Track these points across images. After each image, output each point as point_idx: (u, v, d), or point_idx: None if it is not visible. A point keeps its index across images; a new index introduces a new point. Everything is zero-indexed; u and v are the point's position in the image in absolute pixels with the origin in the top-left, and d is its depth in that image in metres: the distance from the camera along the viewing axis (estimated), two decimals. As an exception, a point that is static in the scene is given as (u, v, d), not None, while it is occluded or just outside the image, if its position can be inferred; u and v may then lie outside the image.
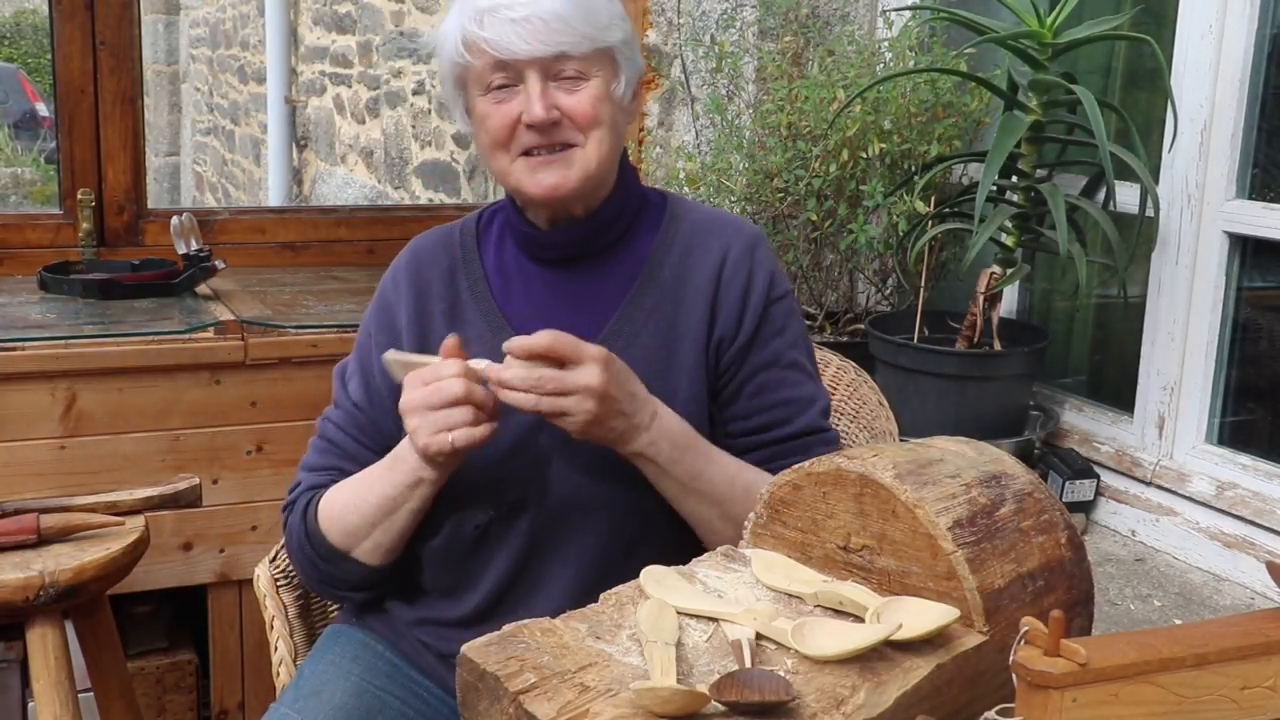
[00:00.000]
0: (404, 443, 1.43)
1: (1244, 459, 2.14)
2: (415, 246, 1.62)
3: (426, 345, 1.51)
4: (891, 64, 2.60)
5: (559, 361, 1.34)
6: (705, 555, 1.21)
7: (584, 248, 1.53)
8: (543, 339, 1.33)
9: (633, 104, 1.53)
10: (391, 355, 1.42)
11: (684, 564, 1.20)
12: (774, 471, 1.47)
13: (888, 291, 2.82)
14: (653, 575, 1.14)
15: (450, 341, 1.38)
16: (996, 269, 2.33)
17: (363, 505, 1.47)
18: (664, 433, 1.41)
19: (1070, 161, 2.36)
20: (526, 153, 1.45)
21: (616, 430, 1.38)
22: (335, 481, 1.54)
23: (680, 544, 1.44)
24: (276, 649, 1.68)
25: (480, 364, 1.36)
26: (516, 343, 1.34)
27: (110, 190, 2.66)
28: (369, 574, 1.52)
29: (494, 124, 1.44)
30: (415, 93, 5.19)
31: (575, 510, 1.47)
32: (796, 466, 1.19)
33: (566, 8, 1.41)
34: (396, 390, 1.44)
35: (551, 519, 1.47)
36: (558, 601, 1.45)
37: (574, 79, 1.44)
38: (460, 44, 1.43)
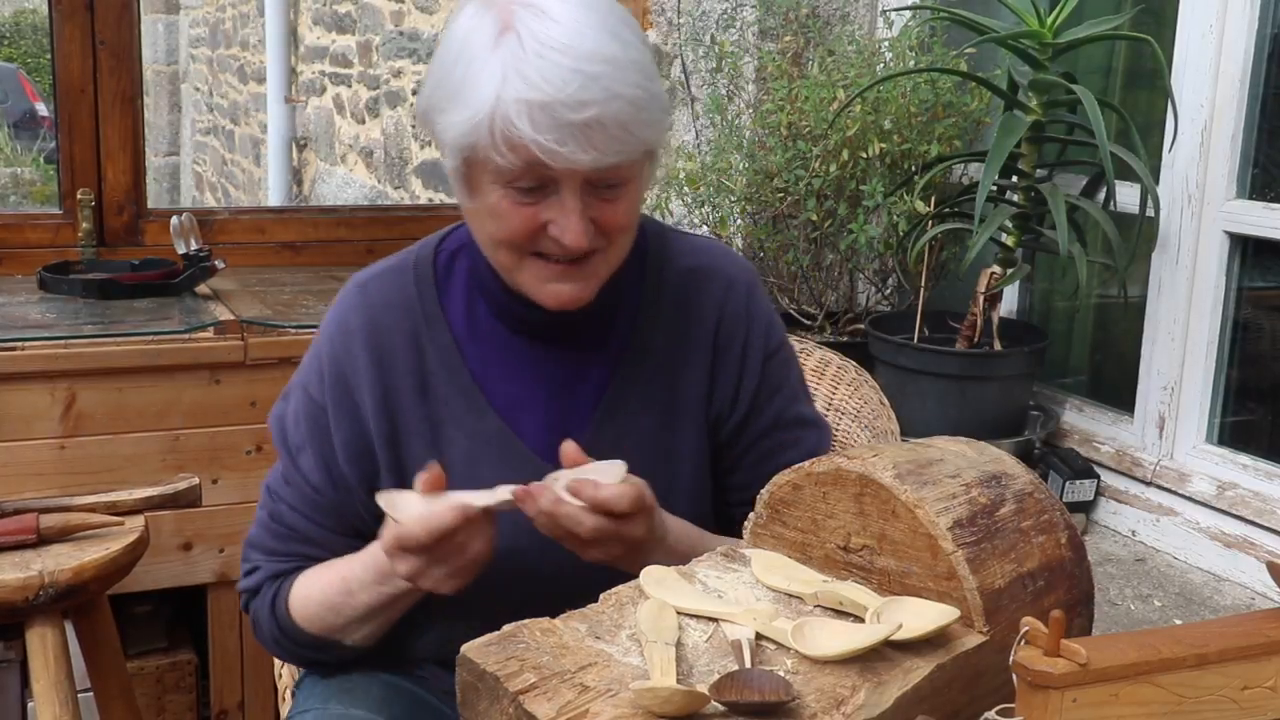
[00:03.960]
0: (387, 561, 1.23)
1: (1244, 459, 2.14)
2: (365, 302, 1.36)
3: (401, 433, 1.34)
4: (891, 64, 2.60)
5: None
6: (705, 555, 1.21)
7: (578, 324, 1.35)
8: (624, 503, 1.17)
9: None
10: (387, 499, 1.22)
11: None
12: None
13: (888, 291, 2.82)
14: (653, 575, 1.14)
15: (432, 475, 1.20)
16: (996, 269, 2.33)
17: (344, 610, 1.33)
18: (668, 551, 1.26)
19: (1070, 161, 2.36)
20: (542, 255, 1.24)
21: (627, 561, 1.22)
22: (298, 568, 1.38)
23: None
24: (276, 649, 1.67)
25: (506, 493, 1.20)
26: (591, 495, 1.17)
27: (110, 190, 2.66)
28: (359, 652, 1.39)
29: (512, 226, 1.22)
30: (415, 93, 5.18)
31: (540, 579, 1.29)
32: (796, 466, 1.19)
33: (631, 110, 1.17)
34: (384, 481, 1.31)
35: (516, 587, 1.28)
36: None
37: (614, 186, 1.22)
38: (494, 134, 1.16)
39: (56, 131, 2.68)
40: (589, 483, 1.18)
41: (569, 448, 1.22)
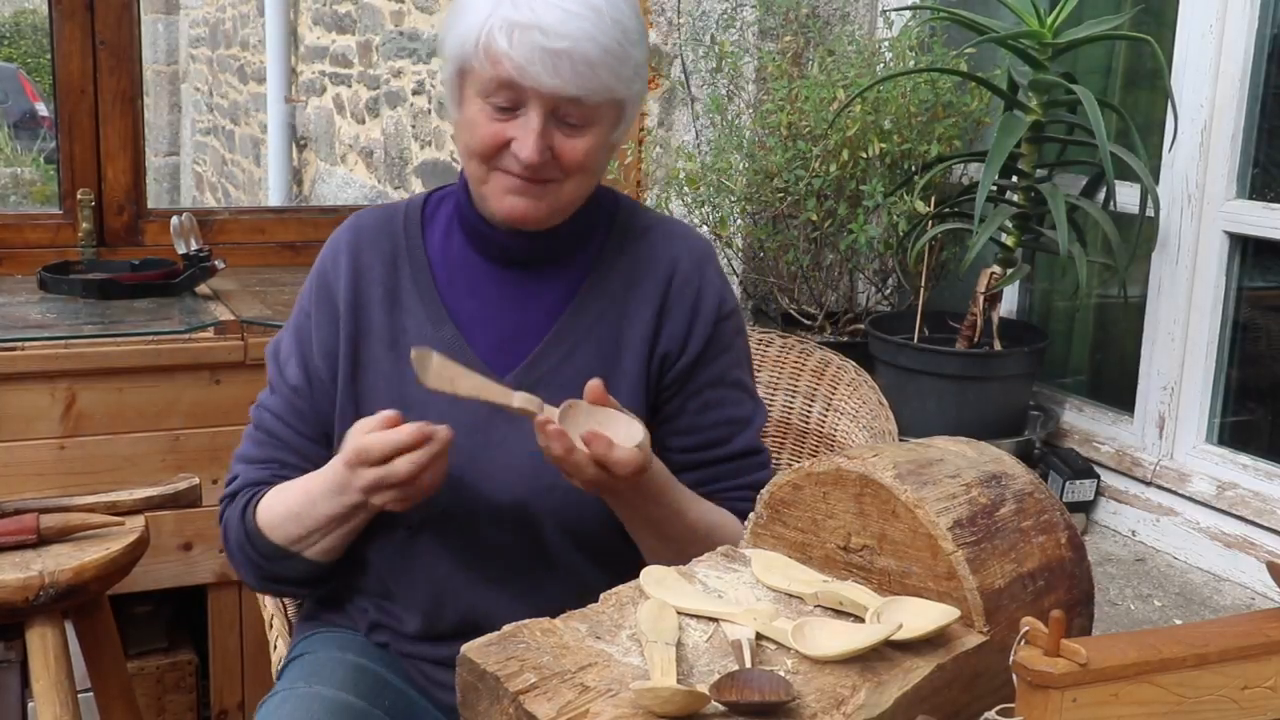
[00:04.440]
0: (346, 472, 1.37)
1: (1244, 459, 2.14)
2: (356, 225, 1.55)
3: (362, 332, 1.49)
4: (891, 64, 2.60)
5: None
6: (705, 555, 1.21)
7: (537, 254, 1.50)
8: (628, 470, 1.29)
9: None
10: (421, 355, 1.33)
11: (625, 571, 1.20)
12: (709, 496, 1.50)
13: (888, 291, 2.82)
14: (653, 575, 1.14)
15: (391, 415, 1.33)
16: (996, 269, 2.33)
17: (305, 519, 1.44)
18: (646, 503, 1.39)
19: (1070, 161, 2.36)
20: (504, 170, 1.40)
21: (604, 494, 1.37)
22: (274, 475, 1.51)
23: (622, 555, 1.44)
24: (276, 648, 1.68)
25: (532, 404, 1.31)
26: (602, 454, 1.28)
27: (110, 190, 2.66)
28: (315, 570, 1.50)
29: (482, 136, 1.38)
30: (415, 93, 5.19)
31: (509, 517, 1.45)
32: (796, 467, 1.19)
33: (602, 54, 1.33)
34: (340, 373, 1.44)
35: (487, 523, 1.46)
36: (496, 602, 1.45)
37: (576, 125, 1.38)
38: (479, 45, 1.34)
39: (56, 131, 2.68)
40: (604, 439, 1.28)
41: (595, 384, 1.32)
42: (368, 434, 1.33)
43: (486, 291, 1.50)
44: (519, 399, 1.31)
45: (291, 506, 1.46)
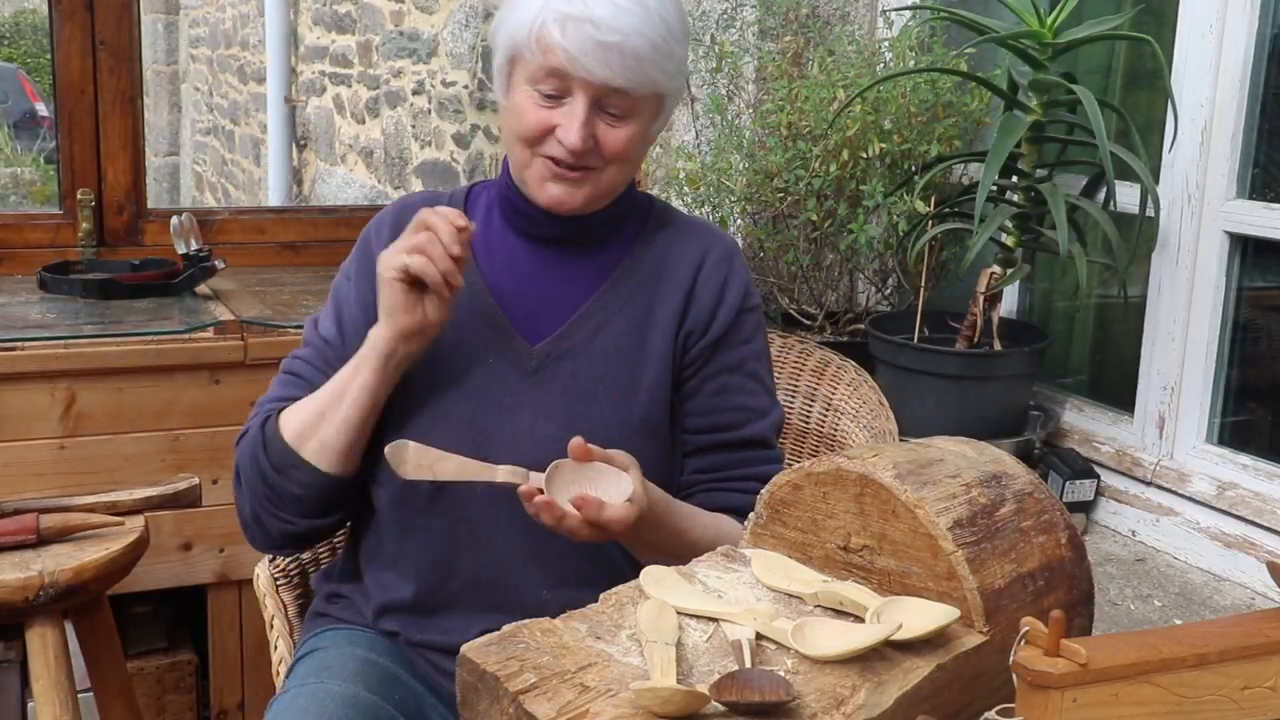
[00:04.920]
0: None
1: (1244, 459, 2.14)
2: (401, 203, 1.62)
3: None
4: (891, 64, 2.60)
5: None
6: (705, 555, 1.21)
7: (573, 235, 1.55)
8: (622, 526, 1.31)
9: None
10: (396, 448, 1.36)
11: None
12: (717, 485, 1.53)
13: (888, 291, 2.82)
14: (653, 575, 1.14)
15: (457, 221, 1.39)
16: (996, 269, 2.33)
17: (315, 399, 1.48)
18: (648, 542, 1.41)
19: (1070, 161, 2.36)
20: (548, 156, 1.45)
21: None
22: None
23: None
24: (276, 649, 1.68)
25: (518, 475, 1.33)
26: (594, 517, 1.30)
27: (110, 190, 2.66)
28: (313, 483, 1.48)
29: (528, 122, 1.44)
30: (415, 93, 5.19)
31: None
32: (797, 467, 1.19)
33: (650, 49, 1.40)
34: (368, 325, 1.47)
35: (475, 504, 1.47)
36: (499, 571, 1.47)
37: (619, 115, 1.44)
38: (532, 34, 1.40)
39: (56, 131, 2.67)
40: (594, 503, 1.29)
41: (577, 443, 1.33)
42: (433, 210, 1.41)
43: (523, 267, 1.55)
44: (503, 473, 1.32)
45: (318, 403, 1.48)
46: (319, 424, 1.47)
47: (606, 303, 1.53)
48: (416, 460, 1.34)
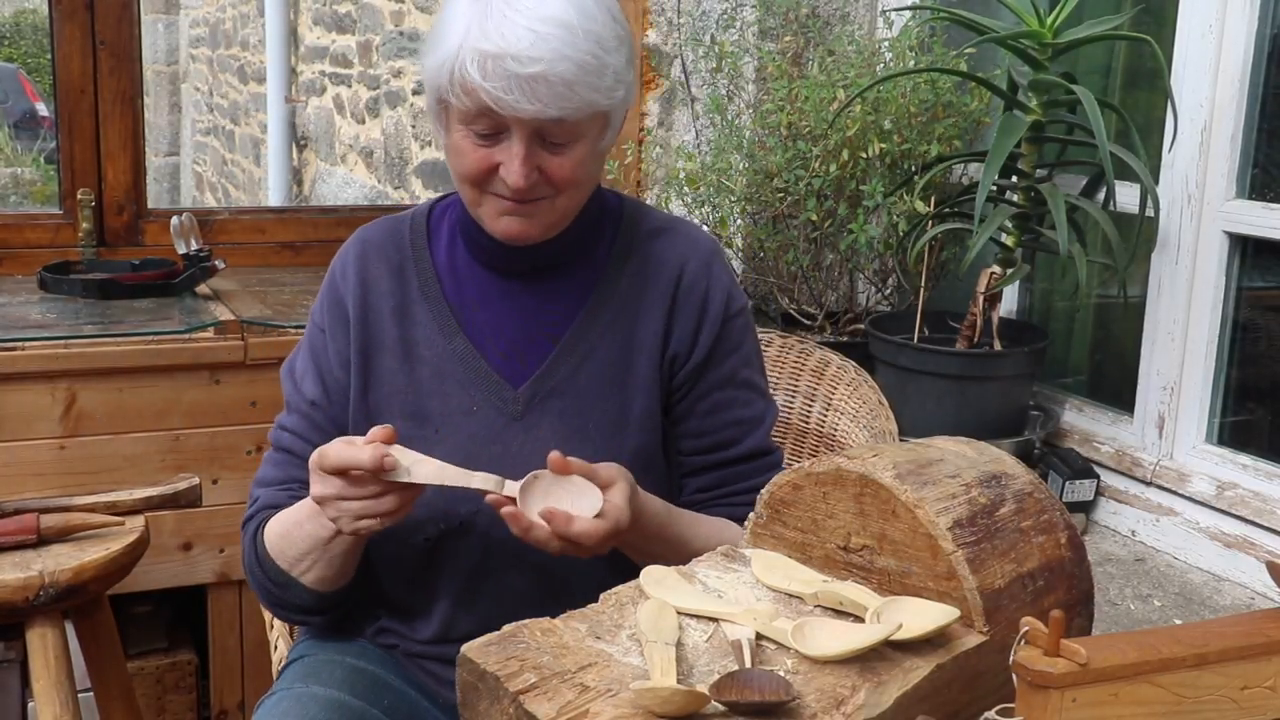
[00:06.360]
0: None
1: (1244, 459, 2.14)
2: (362, 238, 1.55)
3: (373, 346, 1.48)
4: (891, 64, 2.60)
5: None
6: (705, 555, 1.21)
7: (541, 263, 1.49)
8: (591, 541, 1.28)
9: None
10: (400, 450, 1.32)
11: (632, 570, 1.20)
12: (719, 501, 1.51)
13: (888, 291, 2.82)
14: (653, 575, 1.14)
15: (382, 432, 1.31)
16: (996, 269, 2.33)
17: (297, 540, 1.43)
18: (639, 532, 1.37)
19: (1070, 161, 2.36)
20: (495, 194, 1.39)
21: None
22: (293, 496, 1.48)
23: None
24: (276, 649, 1.68)
25: (495, 483, 1.31)
26: (562, 530, 1.27)
27: (110, 190, 2.66)
28: (317, 599, 1.48)
29: (469, 164, 1.37)
30: (415, 92, 5.19)
31: None
32: (796, 467, 1.19)
33: (577, 71, 1.30)
34: (353, 388, 1.43)
35: (504, 533, 1.41)
36: (515, 613, 1.44)
37: (561, 144, 1.35)
38: (451, 80, 1.32)
39: (56, 131, 2.68)
40: (561, 515, 1.27)
41: (555, 456, 1.31)
42: (335, 442, 1.31)
43: (495, 302, 1.49)
44: (478, 480, 1.31)
45: (285, 528, 1.44)
46: (303, 561, 1.44)
47: (586, 334, 1.47)
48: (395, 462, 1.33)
